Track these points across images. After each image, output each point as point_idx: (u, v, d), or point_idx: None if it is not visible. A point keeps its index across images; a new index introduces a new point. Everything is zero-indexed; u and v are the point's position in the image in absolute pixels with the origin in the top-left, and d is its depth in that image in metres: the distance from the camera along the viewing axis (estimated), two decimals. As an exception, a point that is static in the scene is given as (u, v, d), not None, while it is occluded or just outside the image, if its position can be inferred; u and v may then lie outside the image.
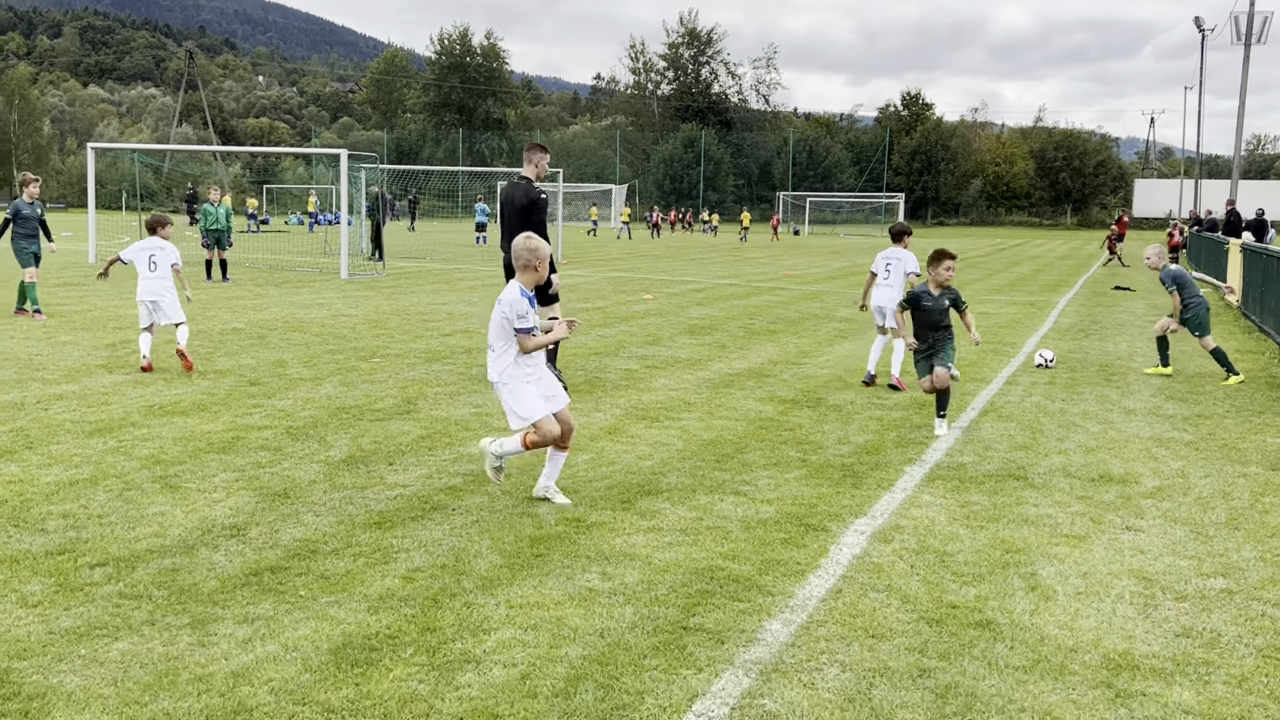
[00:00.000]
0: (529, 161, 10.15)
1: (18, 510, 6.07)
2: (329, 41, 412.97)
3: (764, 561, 5.54)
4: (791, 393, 10.57)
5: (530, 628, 4.61)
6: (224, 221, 22.24)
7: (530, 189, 10.00)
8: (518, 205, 9.96)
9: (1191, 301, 12.01)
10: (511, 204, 10.02)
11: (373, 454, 7.66)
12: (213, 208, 22.14)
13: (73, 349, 12.00)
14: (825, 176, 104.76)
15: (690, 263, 34.79)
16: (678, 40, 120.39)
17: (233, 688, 3.98)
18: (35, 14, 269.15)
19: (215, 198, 22.56)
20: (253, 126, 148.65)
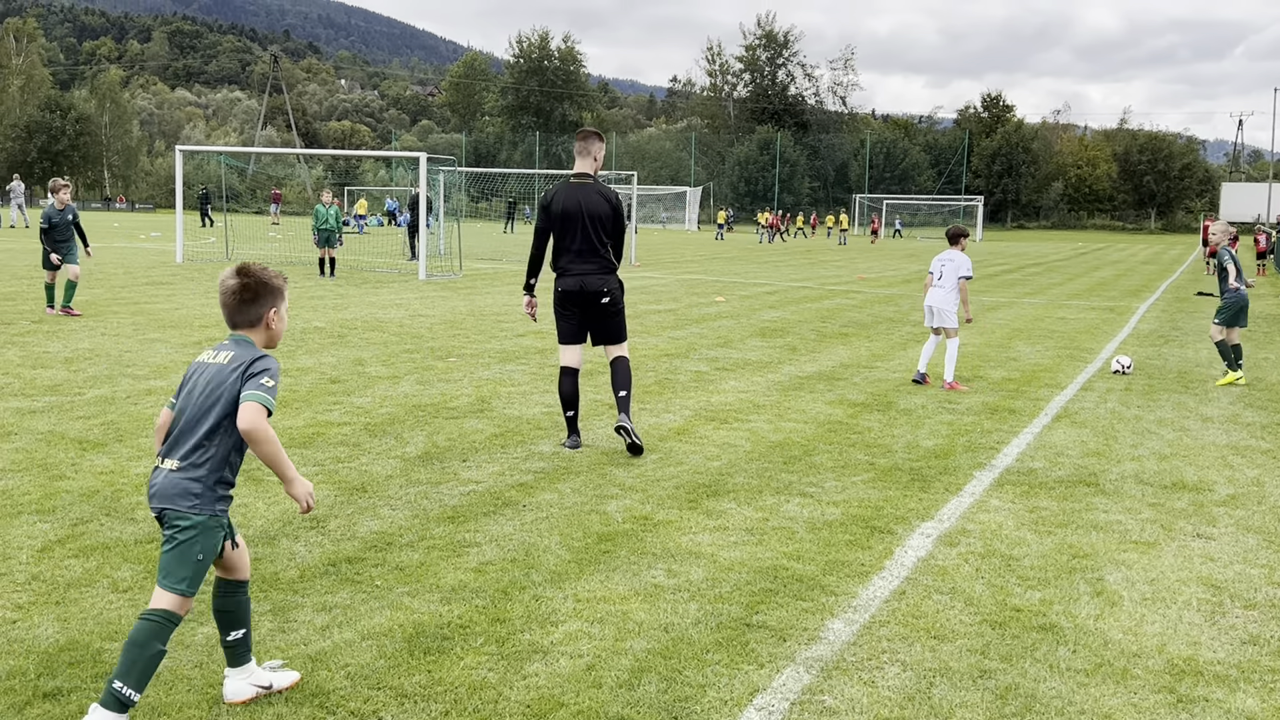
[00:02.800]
0: (587, 154, 7.97)
1: (109, 500, 6.33)
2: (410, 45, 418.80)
3: (828, 562, 5.61)
4: (862, 396, 10.58)
5: (596, 621, 4.73)
6: (333, 222, 23.90)
7: (608, 192, 7.88)
8: (595, 213, 7.78)
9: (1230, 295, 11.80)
10: (580, 211, 7.77)
11: (447, 451, 7.84)
12: (324, 209, 23.89)
13: (161, 346, 12.40)
14: (903, 179, 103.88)
15: (763, 265, 34.77)
16: (755, 42, 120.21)
17: (311, 672, 4.15)
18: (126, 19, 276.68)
19: (327, 200, 24.30)
20: (334, 129, 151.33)
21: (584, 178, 7.93)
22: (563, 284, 7.91)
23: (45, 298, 15.41)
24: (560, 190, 7.91)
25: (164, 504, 3.65)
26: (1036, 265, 39.03)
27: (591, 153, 7.97)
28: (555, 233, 7.87)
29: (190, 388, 3.77)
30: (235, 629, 3.93)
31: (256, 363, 3.73)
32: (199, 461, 3.66)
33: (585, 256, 7.83)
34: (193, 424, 3.69)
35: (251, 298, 3.83)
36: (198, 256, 28.68)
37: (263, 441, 3.63)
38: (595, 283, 7.85)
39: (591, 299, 7.88)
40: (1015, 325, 17.63)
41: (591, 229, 7.81)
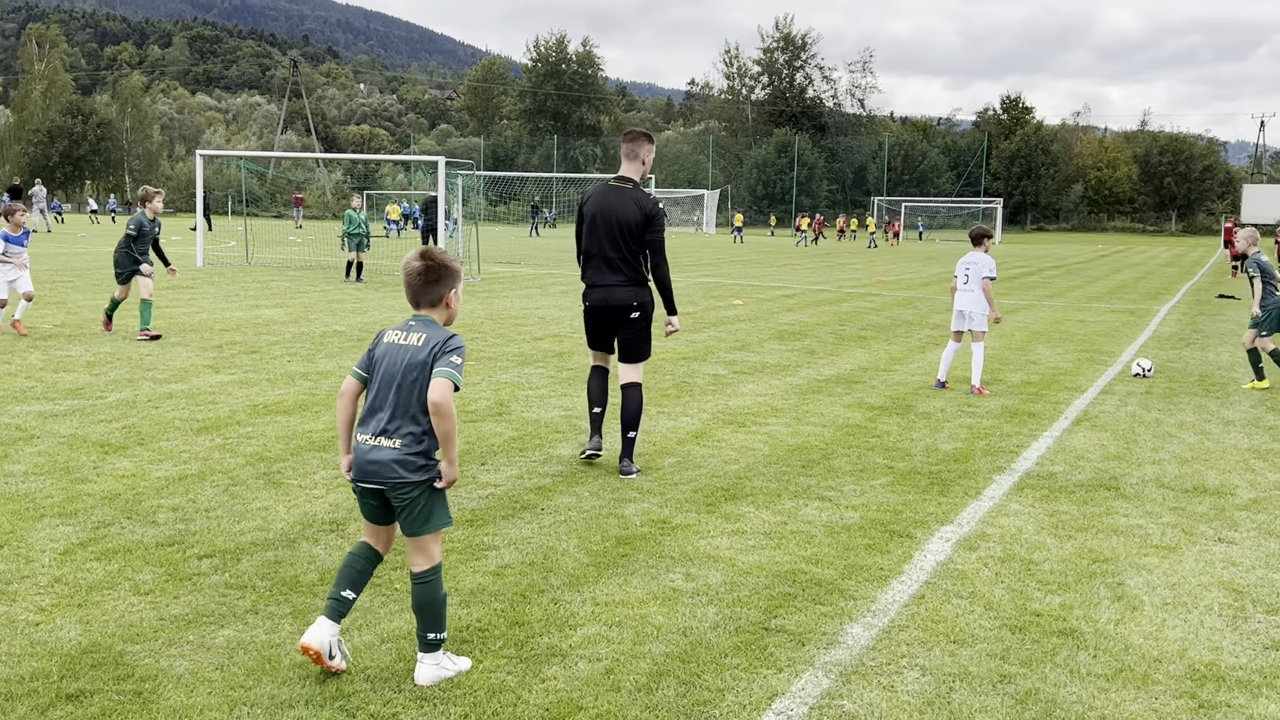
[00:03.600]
0: (635, 158, 7.40)
1: (130, 503, 6.37)
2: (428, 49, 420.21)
3: (847, 566, 5.60)
4: (881, 400, 10.55)
5: (615, 625, 4.73)
6: (364, 227, 24.28)
7: (643, 198, 7.26)
8: (624, 221, 7.21)
9: (1271, 298, 11.67)
10: (610, 217, 7.23)
11: (466, 454, 7.86)
12: (355, 214, 24.23)
13: (181, 350, 12.47)
14: (921, 181, 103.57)
15: (781, 268, 34.73)
16: (773, 45, 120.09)
17: (332, 675, 4.16)
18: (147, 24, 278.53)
19: (357, 205, 24.68)
20: (354, 133, 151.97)
21: (624, 181, 7.35)
22: (590, 298, 7.40)
23: (106, 312, 14.01)
24: (595, 193, 7.44)
25: (389, 479, 4.06)
26: (1056, 268, 38.86)
27: (640, 155, 7.39)
28: (584, 237, 7.38)
29: (388, 367, 4.13)
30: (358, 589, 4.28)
31: (448, 342, 4.11)
32: (420, 435, 4.08)
33: (612, 267, 7.25)
34: (406, 406, 4.08)
35: (435, 279, 4.19)
36: (218, 261, 28.82)
37: (447, 416, 4.01)
38: (623, 295, 7.28)
39: (617, 313, 7.33)
40: (1035, 328, 17.56)
41: (620, 237, 7.21)
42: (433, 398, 3.99)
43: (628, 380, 7.47)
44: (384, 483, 4.09)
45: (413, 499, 4.10)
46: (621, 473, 7.37)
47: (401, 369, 4.09)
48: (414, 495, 4.09)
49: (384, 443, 4.08)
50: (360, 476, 4.14)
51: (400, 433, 4.07)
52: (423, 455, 4.10)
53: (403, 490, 4.08)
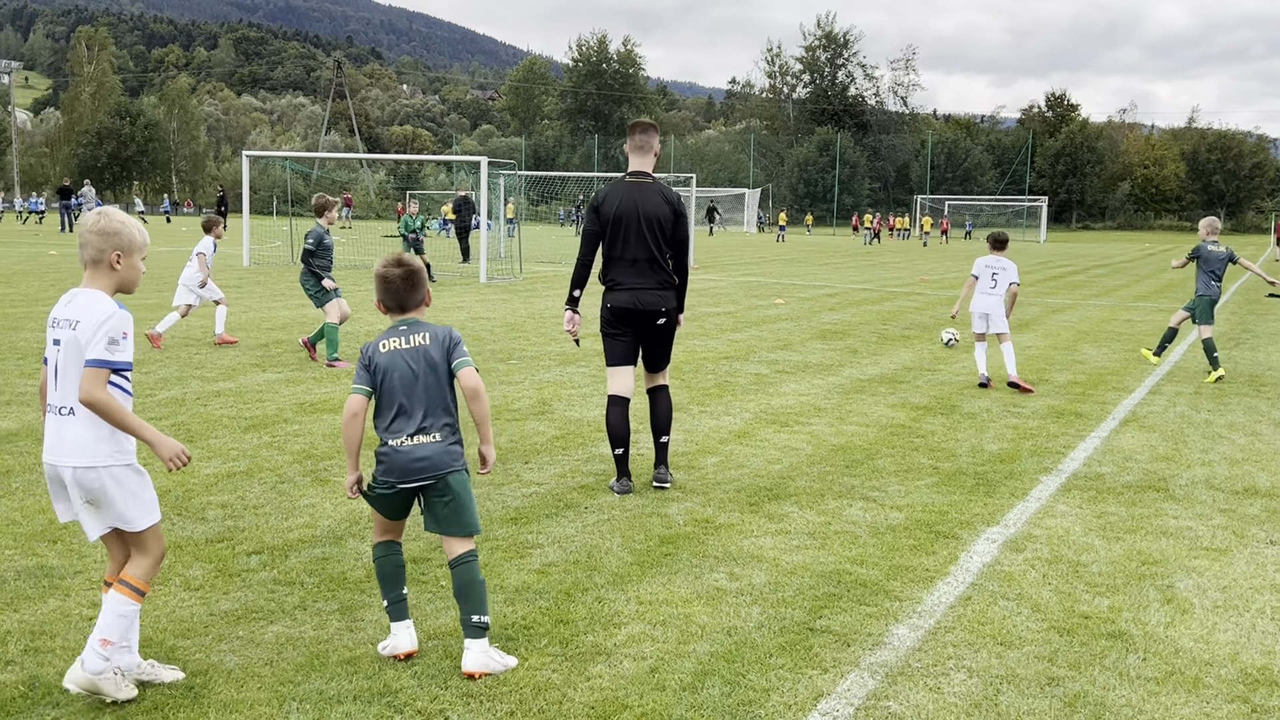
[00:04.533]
0: (647, 149, 6.96)
1: (180, 500, 6.46)
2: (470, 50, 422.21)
3: (892, 567, 5.57)
4: (925, 399, 10.49)
5: (659, 624, 4.74)
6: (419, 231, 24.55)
7: (669, 193, 6.89)
8: (653, 217, 6.78)
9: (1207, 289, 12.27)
10: (637, 214, 6.78)
11: (510, 452, 7.90)
12: (411, 219, 24.51)
13: (229, 349, 12.61)
14: (964, 179, 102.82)
15: (823, 267, 34.59)
16: (814, 43, 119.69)
17: (379, 670, 4.20)
18: (194, 27, 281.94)
19: (414, 210, 24.82)
20: (396, 134, 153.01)
21: (642, 176, 6.89)
22: (613, 300, 6.87)
23: (312, 341, 12.08)
24: (614, 190, 6.87)
25: (441, 471, 4.30)
26: (1102, 266, 38.43)
27: (651, 147, 6.94)
28: (606, 239, 6.83)
29: (402, 373, 4.28)
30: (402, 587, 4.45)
31: (451, 335, 4.42)
32: (454, 426, 4.38)
33: (641, 268, 6.80)
34: (437, 401, 4.33)
35: (418, 282, 4.45)
36: (264, 260, 29.12)
37: (484, 397, 4.37)
38: (651, 300, 6.82)
39: (647, 318, 6.87)
40: (1081, 328, 17.38)
41: (649, 235, 6.76)
42: (471, 383, 4.30)
43: (655, 384, 7.12)
44: (435, 475, 4.27)
45: (456, 491, 4.33)
46: (656, 482, 7.00)
47: (421, 370, 4.29)
48: (458, 486, 4.33)
49: (424, 440, 4.28)
50: (405, 476, 4.26)
51: (438, 427, 4.31)
52: (459, 444, 4.40)
53: (453, 477, 4.31)
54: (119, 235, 3.89)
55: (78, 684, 3.82)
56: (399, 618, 4.35)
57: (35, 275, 22.34)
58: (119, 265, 3.93)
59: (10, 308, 16.19)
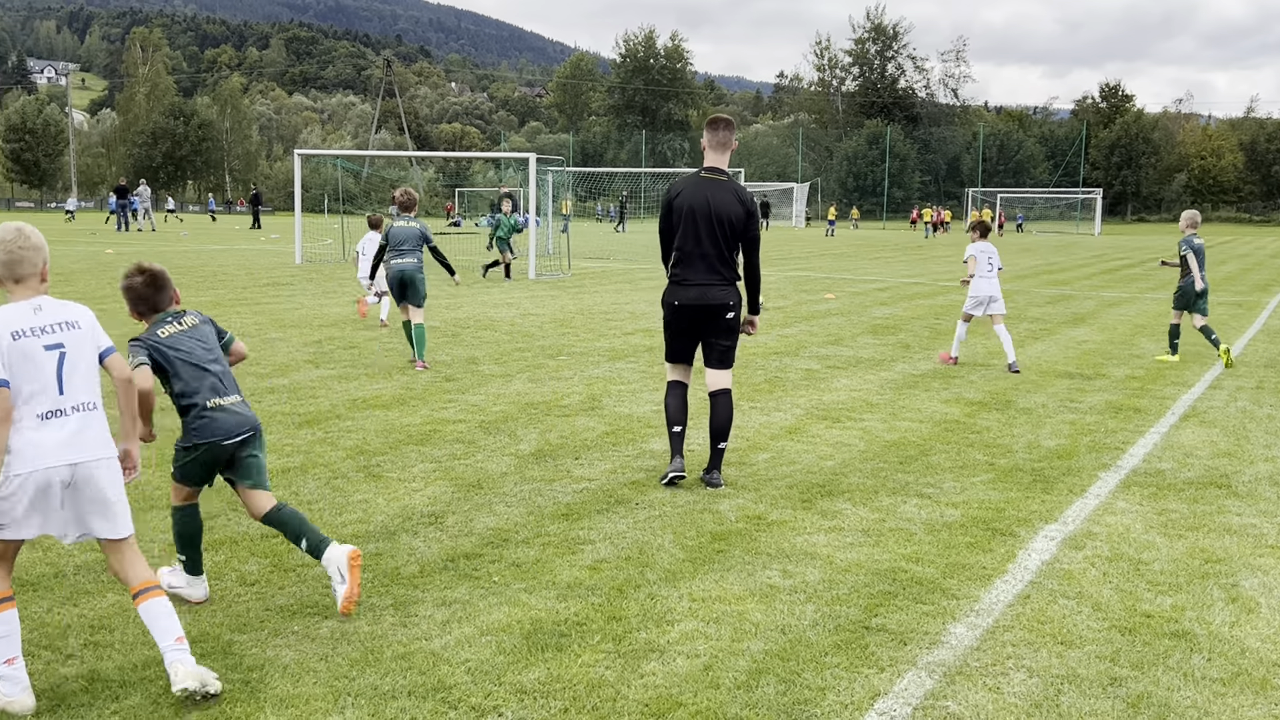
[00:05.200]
0: (725, 146, 6.90)
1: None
2: (518, 47, 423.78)
3: (949, 565, 5.49)
4: (979, 394, 10.36)
5: (712, 621, 4.70)
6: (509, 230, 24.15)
7: (742, 191, 6.84)
8: (725, 215, 6.73)
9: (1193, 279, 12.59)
10: (709, 211, 6.72)
11: (560, 448, 7.89)
12: (506, 218, 24.20)
13: (282, 345, 12.73)
14: (1017, 172, 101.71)
15: (873, 261, 34.34)
16: (864, 36, 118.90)
17: (433, 666, 4.21)
18: (246, 27, 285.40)
19: (507, 209, 24.56)
20: (445, 131, 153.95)
21: (717, 173, 6.83)
22: (679, 296, 6.82)
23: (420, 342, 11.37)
24: (687, 185, 6.82)
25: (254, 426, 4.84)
26: (1159, 259, 37.81)
27: (730, 144, 6.89)
28: (678, 234, 6.80)
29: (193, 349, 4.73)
30: None
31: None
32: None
33: (710, 265, 6.75)
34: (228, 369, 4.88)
35: (164, 283, 4.81)
36: (316, 258, 29.40)
37: None
38: (718, 295, 6.77)
39: (714, 313, 6.81)
40: (1138, 321, 17.10)
41: (720, 233, 6.71)
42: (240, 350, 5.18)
43: (717, 387, 6.97)
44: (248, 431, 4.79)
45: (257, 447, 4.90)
46: (708, 483, 6.89)
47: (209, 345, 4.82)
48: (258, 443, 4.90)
49: (235, 399, 4.82)
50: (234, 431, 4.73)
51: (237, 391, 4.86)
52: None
53: (256, 435, 4.87)
54: (44, 249, 4.13)
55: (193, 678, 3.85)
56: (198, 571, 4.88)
57: (93, 274, 22.70)
58: (46, 275, 4.16)
59: (69, 306, 16.45)
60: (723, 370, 7.00)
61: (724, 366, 7.00)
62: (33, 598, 4.79)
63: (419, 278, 11.29)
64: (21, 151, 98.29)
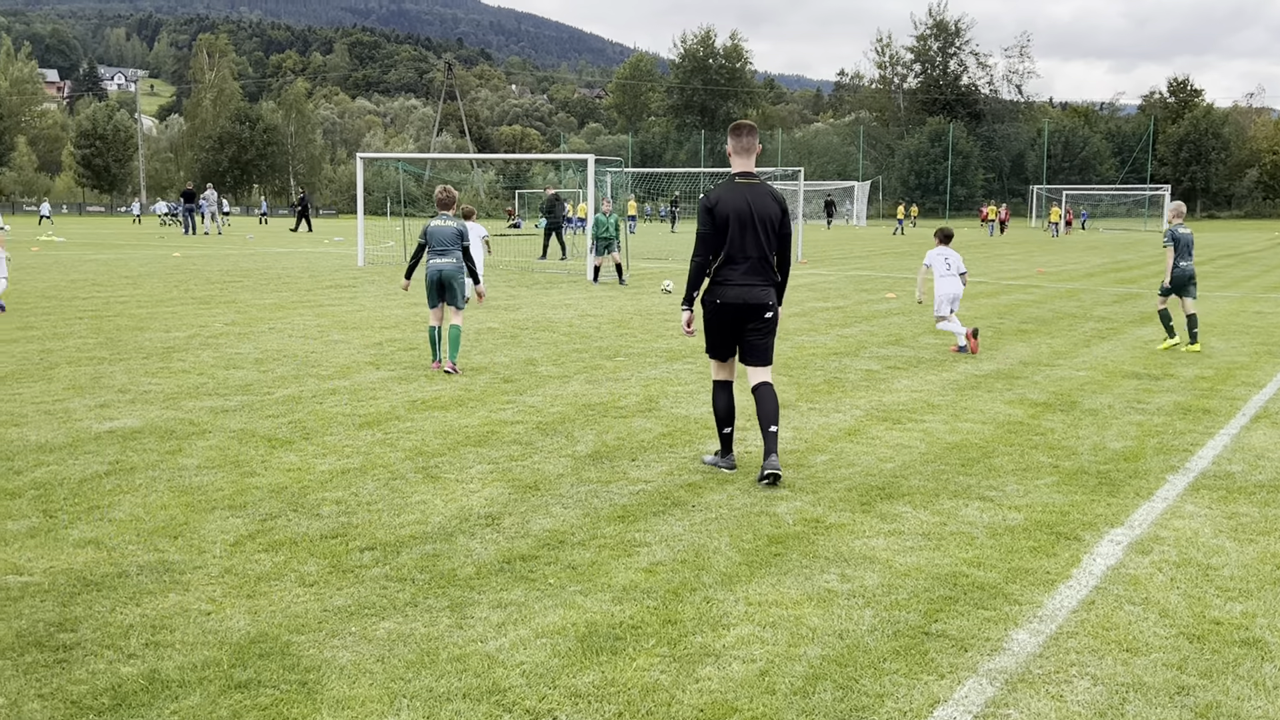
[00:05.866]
0: (751, 151, 7.22)
1: (296, 496, 6.58)
2: (577, 49, 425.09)
3: (1011, 570, 5.39)
4: (1043, 395, 10.19)
5: (769, 625, 4.65)
6: (613, 230, 23.59)
7: (777, 193, 7.11)
8: (766, 217, 7.02)
9: (1181, 265, 13.26)
10: (751, 214, 6.98)
11: (616, 450, 7.88)
12: (604, 217, 23.60)
13: (343, 347, 12.86)
14: (1083, 168, 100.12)
15: (936, 261, 33.92)
16: (926, 32, 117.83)
17: (488, 669, 4.20)
18: (310, 32, 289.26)
19: (606, 209, 23.97)
20: (505, 133, 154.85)
21: (749, 177, 7.11)
22: (724, 295, 7.03)
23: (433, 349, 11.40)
24: (726, 191, 7.04)
25: None
26: (1229, 257, 37.02)
27: (755, 148, 7.19)
28: (723, 239, 6.99)
29: None
30: None
31: None
32: None
33: (754, 266, 6.99)
34: None
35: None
36: (378, 260, 29.69)
37: None
38: (760, 295, 7.02)
39: (754, 312, 7.05)
40: (1208, 320, 16.72)
41: (762, 235, 6.96)
42: None
43: (760, 380, 7.14)
44: None
45: None
46: (769, 469, 6.87)
47: None
48: None
49: None
50: None
51: None
52: None
53: None
54: None
55: None
56: None
57: (160, 277, 23.11)
58: None
59: (137, 308, 16.77)
60: (764, 365, 7.20)
61: (766, 361, 7.20)
62: (96, 597, 4.87)
63: (459, 279, 11.08)
64: (92, 157, 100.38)
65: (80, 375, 10.61)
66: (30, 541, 5.61)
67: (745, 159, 7.16)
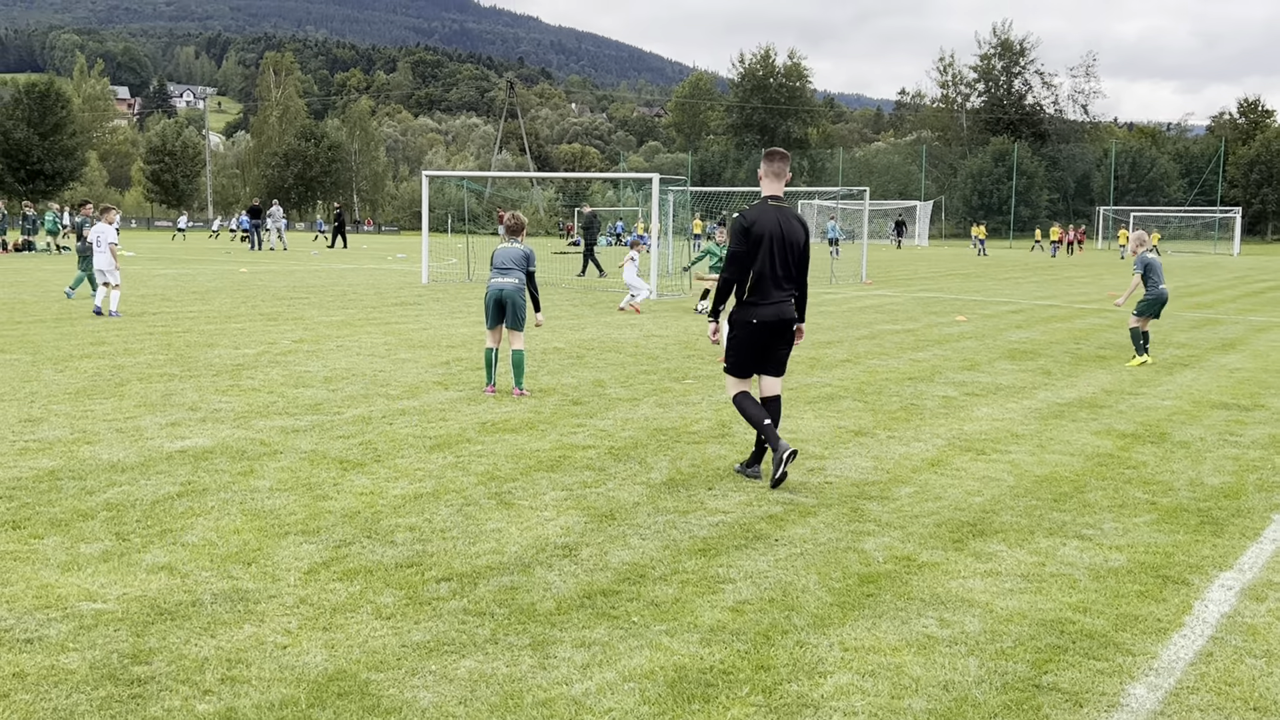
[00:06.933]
0: (783, 176, 7.68)
1: (369, 522, 6.44)
2: (637, 68, 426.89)
3: (1119, 616, 5.10)
4: (1130, 426, 9.83)
5: (868, 674, 4.41)
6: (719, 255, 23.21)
7: (800, 216, 7.61)
8: (794, 239, 7.49)
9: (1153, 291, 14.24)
10: (782, 236, 7.41)
11: (692, 477, 7.67)
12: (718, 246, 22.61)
13: (411, 366, 12.78)
14: (1150, 190, 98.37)
15: (1003, 282, 33.40)
16: (989, 51, 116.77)
17: (575, 715, 4.01)
18: (374, 51, 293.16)
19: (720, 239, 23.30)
20: (565, 152, 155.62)
21: (779, 200, 7.61)
22: (760, 315, 7.43)
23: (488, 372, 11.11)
24: (760, 213, 7.47)
25: None
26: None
27: (784, 174, 7.69)
28: (757, 259, 7.40)
29: None
30: None
31: None
32: None
33: (785, 284, 7.50)
34: None
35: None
36: (441, 277, 29.75)
37: None
38: (790, 311, 7.55)
39: (785, 328, 7.55)
40: (1294, 348, 16.18)
41: (790, 256, 7.48)
42: None
43: (772, 393, 7.70)
44: None
45: None
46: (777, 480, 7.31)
47: None
48: None
49: None
50: None
51: None
52: None
53: None
54: None
55: None
56: None
57: (228, 293, 23.29)
58: None
59: (206, 324, 16.85)
60: (779, 376, 7.75)
61: (781, 373, 7.76)
62: (170, 627, 4.74)
63: (519, 300, 10.83)
64: (161, 173, 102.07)
65: (151, 392, 10.60)
66: (104, 566, 5.52)
67: (776, 183, 7.66)
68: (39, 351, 13.29)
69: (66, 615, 4.84)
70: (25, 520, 6.26)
